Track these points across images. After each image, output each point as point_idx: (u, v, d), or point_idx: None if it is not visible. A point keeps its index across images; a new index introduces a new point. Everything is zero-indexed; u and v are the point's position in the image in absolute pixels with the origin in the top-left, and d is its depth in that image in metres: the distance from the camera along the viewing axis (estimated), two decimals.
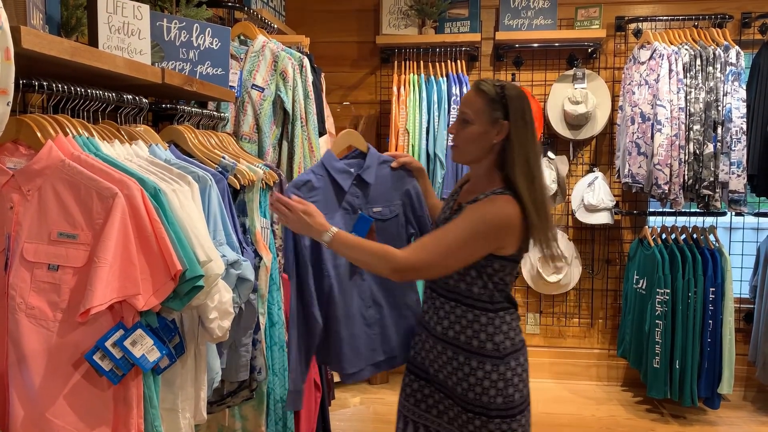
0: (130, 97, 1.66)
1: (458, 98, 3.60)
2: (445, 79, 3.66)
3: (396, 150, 3.62)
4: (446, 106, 3.60)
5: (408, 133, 3.59)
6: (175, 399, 1.58)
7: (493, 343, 1.73)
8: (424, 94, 3.62)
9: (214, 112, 2.29)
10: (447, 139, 3.58)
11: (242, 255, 1.79)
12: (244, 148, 2.45)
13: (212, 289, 1.51)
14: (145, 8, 1.75)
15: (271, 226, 2.32)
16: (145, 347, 1.39)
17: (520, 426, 1.75)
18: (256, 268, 2.01)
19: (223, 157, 1.96)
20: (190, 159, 1.82)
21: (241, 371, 1.95)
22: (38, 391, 1.34)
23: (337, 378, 3.70)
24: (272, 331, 2.32)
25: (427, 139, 3.60)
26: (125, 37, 1.68)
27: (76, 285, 1.34)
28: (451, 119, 3.58)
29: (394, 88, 3.65)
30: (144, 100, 1.72)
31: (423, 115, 3.60)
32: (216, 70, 2.26)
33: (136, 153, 1.58)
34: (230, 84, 2.38)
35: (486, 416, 1.72)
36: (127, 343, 1.38)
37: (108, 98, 1.56)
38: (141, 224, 1.35)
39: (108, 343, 1.38)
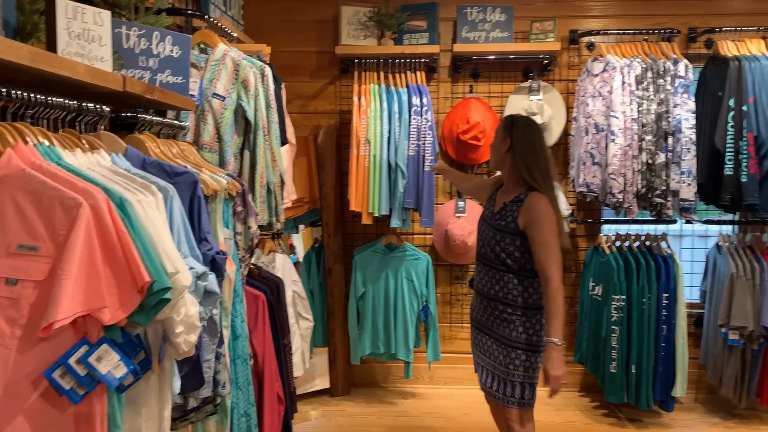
0: (91, 105, 1.61)
1: (419, 108, 3.62)
2: (405, 89, 3.68)
3: (357, 160, 3.61)
4: (407, 117, 3.62)
5: (369, 142, 3.59)
6: (138, 418, 1.53)
7: (532, 299, 2.42)
8: (385, 104, 3.63)
9: (175, 121, 2.24)
10: (407, 149, 3.59)
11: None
12: (205, 158, 2.40)
13: (179, 302, 1.47)
14: (107, 14, 1.70)
15: (234, 237, 2.28)
16: (111, 363, 1.34)
17: (539, 359, 2.43)
18: (220, 280, 1.97)
19: (186, 167, 1.91)
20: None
21: (204, 387, 1.90)
22: None
23: (299, 391, 3.66)
24: (236, 344, 2.28)
25: (389, 149, 3.61)
26: (85, 43, 1.63)
27: (37, 299, 1.28)
28: (411, 129, 3.60)
29: (355, 98, 3.65)
30: (105, 108, 1.67)
31: (384, 125, 3.61)
32: (176, 79, 2.21)
33: (98, 162, 1.53)
34: (191, 93, 2.34)
35: (514, 347, 2.42)
36: (92, 359, 1.33)
37: (69, 106, 1.51)
38: (107, 235, 1.31)
39: (72, 360, 1.33)
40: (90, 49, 1.64)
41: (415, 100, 3.62)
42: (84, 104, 1.59)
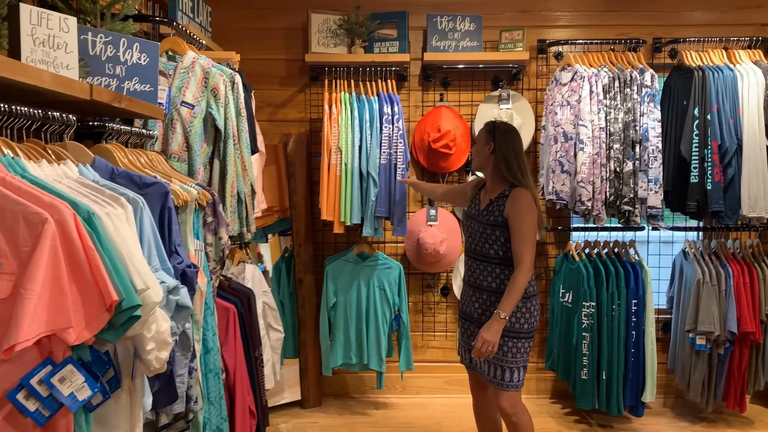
0: (57, 114, 1.55)
1: (390, 117, 3.60)
2: (376, 98, 3.66)
3: (329, 168, 3.58)
4: (378, 125, 3.60)
5: (341, 151, 3.56)
6: None
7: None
8: (356, 113, 3.61)
9: (143, 130, 2.18)
10: (379, 158, 3.57)
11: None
12: (173, 167, 2.35)
13: (149, 318, 1.43)
14: (72, 20, 1.65)
15: (205, 248, 2.23)
16: (74, 384, 1.29)
17: (530, 344, 2.74)
18: (192, 294, 1.92)
19: (155, 177, 1.86)
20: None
21: (176, 403, 1.85)
22: None
23: (270, 403, 3.60)
24: (207, 358, 2.23)
25: (360, 158, 3.59)
26: (51, 50, 1.58)
27: None
28: (383, 138, 3.58)
29: (326, 106, 3.62)
30: (71, 117, 1.62)
31: (356, 133, 3.58)
32: (144, 87, 2.16)
33: (65, 173, 1.48)
34: (159, 101, 2.28)
35: (516, 337, 2.66)
36: (54, 380, 1.27)
37: (34, 115, 1.45)
38: (73, 251, 1.26)
39: (33, 381, 1.28)
40: (55, 57, 1.59)
41: (386, 109, 3.60)
42: (50, 113, 1.53)
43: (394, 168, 3.61)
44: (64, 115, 1.58)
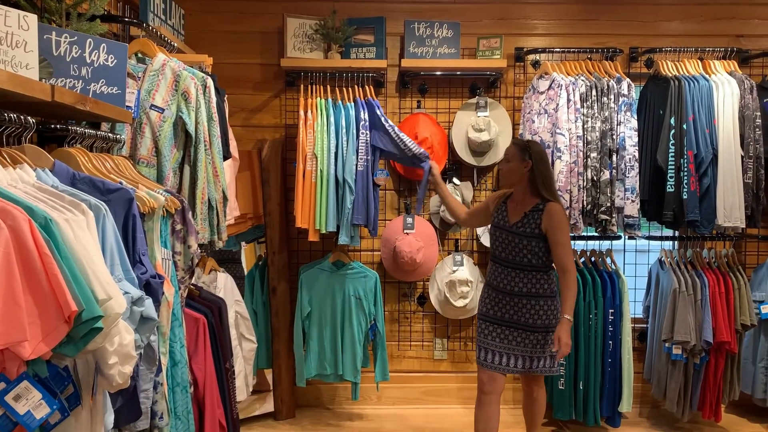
0: (13, 115, 1.47)
1: (367, 123, 3.54)
2: (352, 104, 3.61)
3: (304, 175, 3.50)
4: (354, 131, 3.54)
5: (316, 157, 3.49)
6: None
7: (550, 288, 2.95)
8: (332, 119, 3.54)
9: (109, 134, 2.10)
10: (356, 164, 3.51)
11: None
12: (141, 173, 2.27)
13: (112, 330, 1.35)
14: (32, 18, 1.57)
15: (174, 257, 2.16)
16: (31, 402, 1.21)
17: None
18: (157, 305, 1.84)
19: (120, 183, 1.79)
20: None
21: (140, 420, 1.77)
22: None
23: (242, 415, 3.51)
24: (175, 371, 2.15)
25: (336, 164, 3.52)
26: (8, 48, 1.50)
27: None
28: (360, 144, 3.52)
29: (302, 112, 3.55)
30: (30, 119, 1.54)
31: (332, 139, 3.52)
32: (111, 89, 2.08)
33: (21, 178, 1.40)
34: (127, 104, 2.21)
35: (547, 332, 2.93)
36: (9, 398, 1.19)
37: None
38: (28, 259, 1.18)
39: None
40: (13, 55, 1.51)
41: (363, 115, 3.54)
42: (5, 114, 1.45)
43: (370, 175, 3.55)
44: (21, 116, 1.50)
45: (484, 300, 3.07)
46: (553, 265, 2.97)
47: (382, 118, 3.53)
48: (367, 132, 3.52)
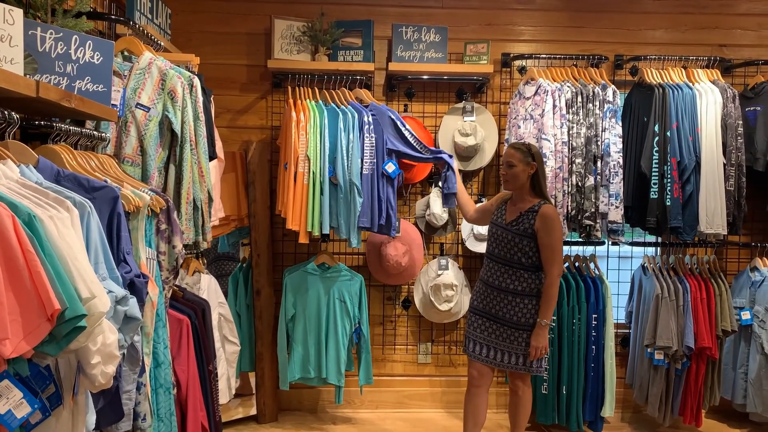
0: None
1: (371, 126, 3.49)
2: (350, 107, 3.57)
3: (296, 177, 3.46)
4: (358, 134, 3.48)
5: (309, 159, 3.46)
6: None
7: (537, 289, 3.00)
8: (325, 121, 3.51)
9: (94, 132, 2.08)
10: (362, 168, 3.47)
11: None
12: (126, 172, 2.25)
13: (95, 329, 1.33)
14: (18, 12, 1.55)
15: (158, 256, 2.13)
16: (12, 401, 1.19)
17: None
18: (141, 305, 1.82)
19: (105, 181, 1.77)
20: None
21: (123, 421, 1.74)
22: None
23: (224, 417, 3.48)
24: (157, 372, 2.12)
25: (336, 166, 3.48)
26: None
27: None
28: (365, 146, 3.47)
29: (293, 114, 3.51)
30: (14, 115, 1.52)
31: (325, 141, 3.48)
32: (97, 87, 2.06)
33: (5, 174, 1.38)
34: (112, 102, 2.18)
35: (529, 330, 2.99)
36: None
37: None
38: (11, 256, 1.16)
39: None
40: None
41: (367, 117, 3.50)
42: None
43: (378, 178, 3.50)
44: (5, 112, 1.48)
45: (475, 293, 3.18)
46: (539, 264, 3.03)
47: (398, 121, 3.52)
48: (372, 135, 3.48)
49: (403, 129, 3.50)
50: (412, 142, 3.50)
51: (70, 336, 1.26)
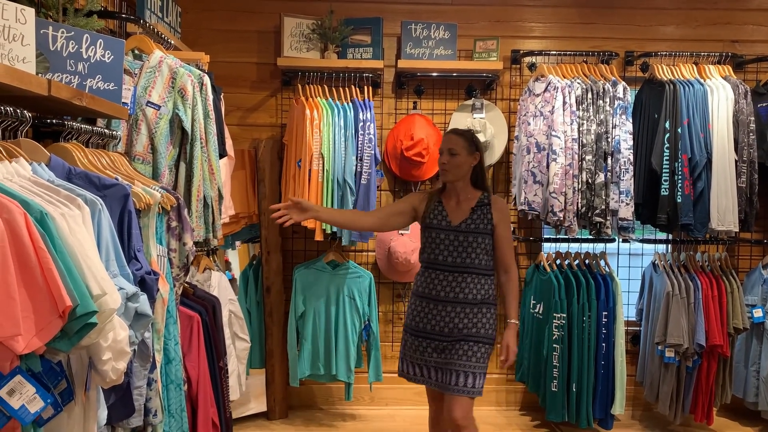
0: (10, 109, 1.47)
1: (366, 124, 3.53)
2: (350, 104, 3.60)
3: (310, 175, 3.49)
4: (353, 132, 3.53)
5: (323, 157, 3.48)
6: None
7: (494, 295, 2.72)
8: (335, 119, 3.54)
9: (105, 130, 2.09)
10: (355, 165, 3.50)
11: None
12: (137, 170, 2.26)
13: (106, 326, 1.34)
14: (30, 11, 1.56)
15: (168, 254, 2.15)
16: (25, 396, 1.20)
17: (492, 349, 2.73)
18: (152, 302, 1.83)
19: (116, 179, 1.78)
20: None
21: (134, 416, 1.76)
22: None
23: (234, 414, 3.50)
24: (168, 368, 2.14)
25: (343, 165, 3.51)
26: (6, 42, 1.49)
27: None
28: (359, 144, 3.51)
29: (307, 111, 3.53)
30: (27, 113, 1.53)
31: (338, 140, 3.52)
32: (108, 85, 2.07)
33: (17, 172, 1.39)
34: (123, 100, 2.20)
35: (488, 343, 2.67)
36: (2, 392, 1.19)
37: None
38: (23, 253, 1.17)
39: None
40: (10, 49, 1.50)
41: (362, 116, 3.54)
42: (2, 107, 1.44)
43: (373, 176, 3.56)
44: (18, 110, 1.49)
45: (412, 312, 2.76)
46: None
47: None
48: (364, 132, 3.52)
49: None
50: None
51: (82, 332, 1.28)
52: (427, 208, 2.77)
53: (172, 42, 2.88)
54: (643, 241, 3.91)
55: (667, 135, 3.49)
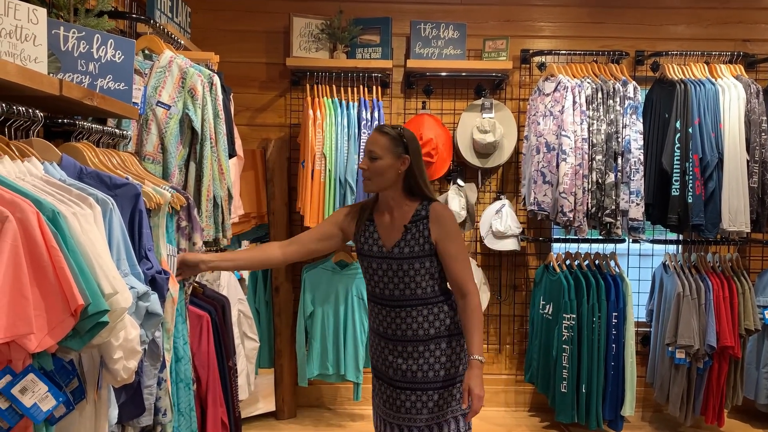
0: (22, 108, 1.47)
1: (369, 123, 3.55)
2: (355, 104, 3.61)
3: (313, 175, 3.50)
4: (356, 131, 3.54)
5: (325, 157, 3.49)
6: None
7: (453, 323, 2.21)
8: (340, 119, 3.55)
9: (116, 130, 2.10)
10: (357, 165, 3.52)
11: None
12: (147, 169, 2.27)
13: (117, 325, 1.35)
14: (42, 12, 1.57)
15: (178, 253, 2.15)
16: (37, 395, 1.21)
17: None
18: (162, 301, 1.83)
19: (127, 178, 1.79)
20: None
21: (144, 415, 1.76)
22: None
23: (243, 414, 3.51)
24: (178, 367, 2.14)
25: (344, 164, 3.53)
26: (18, 42, 1.50)
27: None
28: (361, 144, 3.52)
29: (311, 112, 3.54)
30: (38, 113, 1.54)
31: (341, 139, 3.52)
32: (118, 85, 2.08)
33: (29, 171, 1.40)
34: (133, 100, 2.21)
35: (461, 381, 2.19)
36: (15, 390, 1.19)
37: None
38: (36, 252, 1.18)
39: None
40: (22, 49, 1.51)
41: (365, 115, 3.54)
42: (14, 107, 1.45)
43: None
44: (30, 110, 1.50)
45: (371, 350, 2.37)
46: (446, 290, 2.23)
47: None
48: (368, 132, 3.52)
49: None
50: None
51: (93, 331, 1.28)
52: (357, 229, 2.28)
53: (182, 42, 2.89)
54: (653, 241, 3.89)
55: (678, 135, 3.47)
